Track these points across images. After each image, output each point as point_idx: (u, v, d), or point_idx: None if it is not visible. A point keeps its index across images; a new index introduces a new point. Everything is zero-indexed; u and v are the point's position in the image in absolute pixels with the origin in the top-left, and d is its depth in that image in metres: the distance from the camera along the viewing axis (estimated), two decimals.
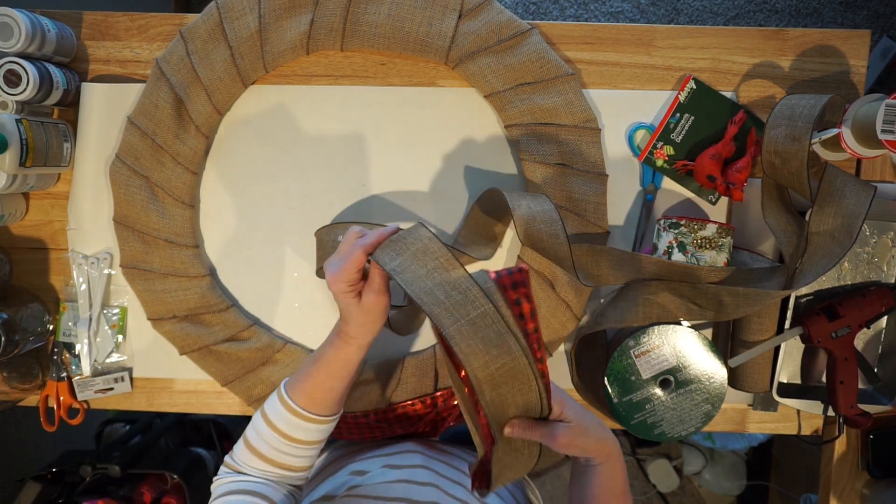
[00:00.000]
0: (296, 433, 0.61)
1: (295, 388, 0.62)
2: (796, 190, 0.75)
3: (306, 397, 0.61)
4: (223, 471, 0.65)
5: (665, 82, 0.84)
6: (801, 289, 0.82)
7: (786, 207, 0.79)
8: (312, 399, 0.61)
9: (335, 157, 0.86)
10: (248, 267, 0.87)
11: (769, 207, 0.78)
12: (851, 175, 0.73)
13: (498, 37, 0.81)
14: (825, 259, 0.71)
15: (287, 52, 0.82)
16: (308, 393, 0.61)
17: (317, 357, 0.62)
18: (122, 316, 0.87)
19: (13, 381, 0.84)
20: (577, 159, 0.81)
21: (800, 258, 0.73)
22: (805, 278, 0.71)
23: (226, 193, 0.87)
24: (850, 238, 0.69)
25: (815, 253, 0.73)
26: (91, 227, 0.86)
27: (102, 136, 0.85)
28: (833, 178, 0.73)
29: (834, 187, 0.73)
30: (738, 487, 1.73)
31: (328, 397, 0.62)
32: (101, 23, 0.86)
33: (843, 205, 0.71)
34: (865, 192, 0.70)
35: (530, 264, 0.82)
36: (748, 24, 1.75)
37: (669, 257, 0.77)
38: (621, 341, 0.78)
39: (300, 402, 0.61)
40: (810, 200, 0.73)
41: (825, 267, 0.70)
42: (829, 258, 0.70)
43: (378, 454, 0.71)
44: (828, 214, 0.72)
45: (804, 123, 0.71)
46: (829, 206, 0.72)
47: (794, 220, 0.77)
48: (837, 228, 0.71)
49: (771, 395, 0.82)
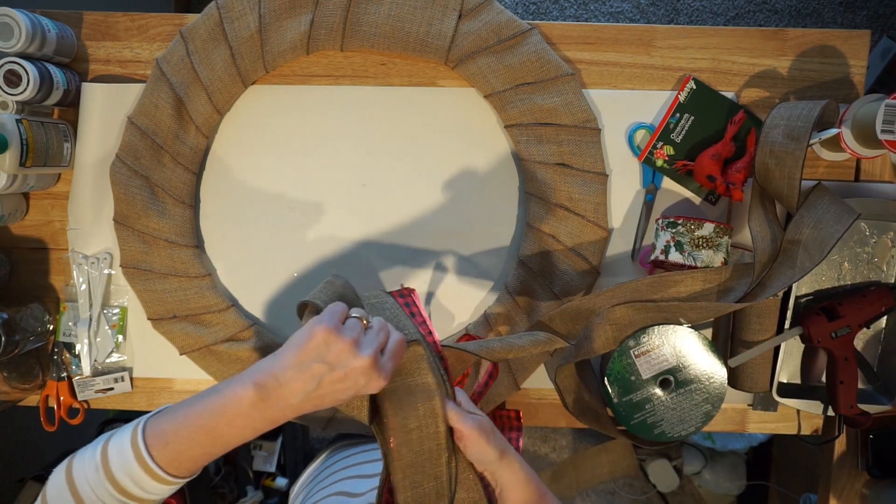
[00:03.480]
0: (134, 489, 0.48)
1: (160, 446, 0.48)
2: (783, 198, 0.74)
3: (176, 458, 0.48)
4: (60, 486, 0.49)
5: (665, 82, 0.85)
6: (801, 289, 0.82)
7: (770, 216, 0.78)
8: (181, 463, 0.49)
9: (335, 157, 0.86)
10: (248, 267, 0.87)
11: (755, 212, 0.77)
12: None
13: (498, 37, 0.81)
14: (792, 270, 0.71)
15: (287, 52, 0.82)
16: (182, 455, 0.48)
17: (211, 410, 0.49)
18: (122, 316, 0.87)
19: (13, 381, 0.84)
20: (577, 159, 0.81)
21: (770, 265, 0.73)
22: (769, 289, 0.72)
23: (226, 193, 0.87)
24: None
25: (784, 262, 0.73)
26: (91, 227, 0.86)
27: (102, 136, 0.85)
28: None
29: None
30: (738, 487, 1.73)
31: (200, 462, 0.50)
32: (101, 23, 0.86)
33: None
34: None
35: (530, 264, 0.82)
36: (748, 24, 1.75)
37: (667, 256, 0.77)
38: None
39: (163, 462, 0.48)
40: (795, 210, 0.73)
41: (791, 278, 0.70)
42: (797, 270, 0.70)
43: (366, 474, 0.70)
44: (806, 226, 0.72)
45: (803, 123, 0.71)
46: (809, 218, 0.72)
47: (776, 229, 0.76)
48: (812, 242, 0.71)
49: (771, 395, 0.82)
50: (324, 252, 0.86)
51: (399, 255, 0.86)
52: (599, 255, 0.83)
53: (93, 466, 0.48)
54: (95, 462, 0.49)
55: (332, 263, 0.86)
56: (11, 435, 1.23)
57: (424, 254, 0.86)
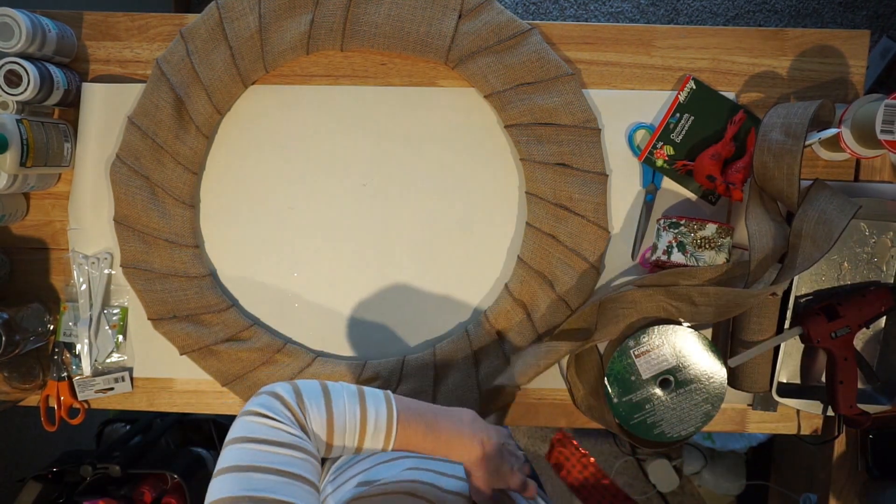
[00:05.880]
0: (367, 441, 0.57)
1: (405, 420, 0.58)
2: (783, 196, 0.74)
3: (408, 434, 0.58)
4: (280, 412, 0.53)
5: (665, 82, 0.85)
6: (801, 289, 0.82)
7: (769, 215, 0.78)
8: (408, 439, 0.58)
9: (335, 157, 0.86)
10: (248, 267, 0.87)
11: (753, 211, 0.77)
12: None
13: (498, 37, 0.81)
14: (804, 261, 0.72)
15: (287, 52, 0.82)
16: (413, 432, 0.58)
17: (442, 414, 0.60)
18: (122, 316, 0.87)
19: (14, 381, 0.84)
20: (577, 159, 0.81)
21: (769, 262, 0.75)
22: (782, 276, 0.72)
23: (226, 193, 0.87)
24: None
25: (794, 254, 0.73)
26: (91, 227, 0.86)
27: (103, 136, 0.85)
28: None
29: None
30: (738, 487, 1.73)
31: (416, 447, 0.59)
32: (101, 23, 0.86)
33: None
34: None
35: (530, 264, 0.82)
36: (748, 25, 1.75)
37: (669, 257, 0.77)
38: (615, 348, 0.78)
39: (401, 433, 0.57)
40: (796, 207, 0.73)
41: (802, 267, 0.71)
42: (807, 260, 0.71)
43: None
44: (810, 219, 0.73)
45: (800, 120, 0.71)
46: (812, 211, 0.73)
47: (775, 226, 0.77)
48: (819, 233, 0.72)
49: (771, 395, 0.82)
50: (324, 252, 0.86)
51: (399, 255, 0.86)
52: (599, 255, 0.83)
53: (350, 395, 0.56)
54: (353, 394, 0.57)
55: (331, 264, 0.86)
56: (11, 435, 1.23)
57: (424, 253, 0.86)
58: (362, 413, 0.56)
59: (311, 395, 0.55)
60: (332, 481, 0.71)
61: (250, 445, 0.49)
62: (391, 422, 0.57)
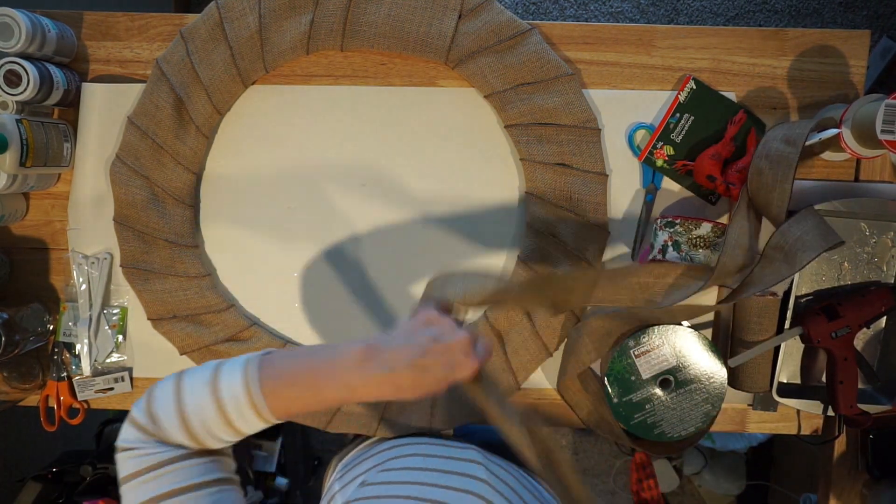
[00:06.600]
0: (240, 424, 0.51)
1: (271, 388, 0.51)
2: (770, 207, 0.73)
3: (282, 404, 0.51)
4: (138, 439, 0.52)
5: (665, 82, 0.85)
6: (801, 289, 0.82)
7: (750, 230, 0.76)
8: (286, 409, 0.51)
9: (335, 157, 0.86)
10: (248, 267, 0.87)
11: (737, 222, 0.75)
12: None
13: (498, 37, 0.81)
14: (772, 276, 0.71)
15: (287, 52, 0.82)
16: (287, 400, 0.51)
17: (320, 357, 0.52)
18: (122, 316, 0.87)
19: (13, 381, 0.84)
20: (577, 159, 0.81)
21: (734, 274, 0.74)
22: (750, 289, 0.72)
23: (226, 193, 0.87)
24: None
25: (765, 266, 0.73)
26: (91, 227, 0.86)
27: (102, 136, 0.85)
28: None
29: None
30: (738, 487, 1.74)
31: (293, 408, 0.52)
32: (101, 23, 0.86)
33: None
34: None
35: (530, 264, 0.82)
36: (748, 24, 1.75)
37: (664, 256, 0.77)
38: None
39: (271, 404, 0.51)
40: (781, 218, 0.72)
41: (771, 282, 0.70)
42: (776, 275, 0.70)
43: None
44: (791, 236, 0.71)
45: (801, 130, 0.71)
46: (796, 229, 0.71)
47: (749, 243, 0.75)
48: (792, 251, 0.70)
49: (771, 395, 0.82)
50: (323, 252, 0.86)
51: (398, 255, 0.86)
52: (599, 255, 0.83)
53: (202, 382, 0.51)
54: (205, 380, 0.52)
55: (331, 263, 0.86)
56: (11, 435, 1.23)
57: (424, 253, 0.86)
58: (215, 399, 0.50)
59: (162, 401, 0.52)
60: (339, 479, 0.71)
61: (135, 482, 0.50)
62: (251, 398, 0.50)
